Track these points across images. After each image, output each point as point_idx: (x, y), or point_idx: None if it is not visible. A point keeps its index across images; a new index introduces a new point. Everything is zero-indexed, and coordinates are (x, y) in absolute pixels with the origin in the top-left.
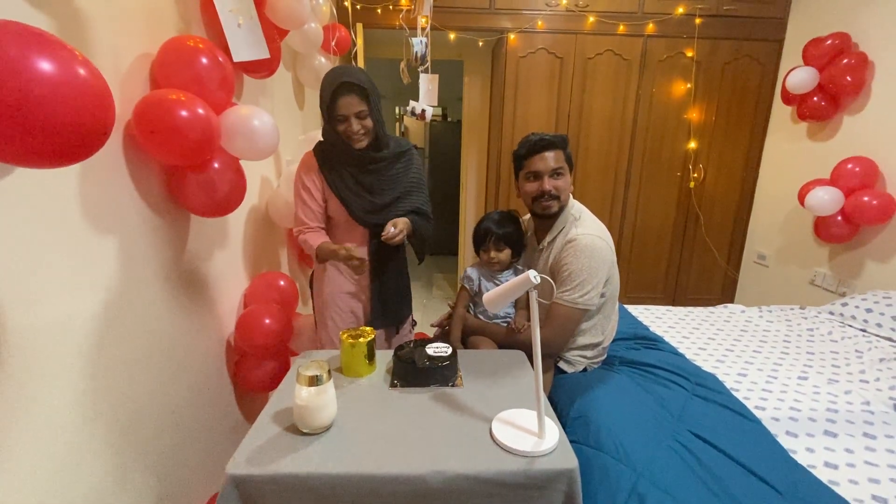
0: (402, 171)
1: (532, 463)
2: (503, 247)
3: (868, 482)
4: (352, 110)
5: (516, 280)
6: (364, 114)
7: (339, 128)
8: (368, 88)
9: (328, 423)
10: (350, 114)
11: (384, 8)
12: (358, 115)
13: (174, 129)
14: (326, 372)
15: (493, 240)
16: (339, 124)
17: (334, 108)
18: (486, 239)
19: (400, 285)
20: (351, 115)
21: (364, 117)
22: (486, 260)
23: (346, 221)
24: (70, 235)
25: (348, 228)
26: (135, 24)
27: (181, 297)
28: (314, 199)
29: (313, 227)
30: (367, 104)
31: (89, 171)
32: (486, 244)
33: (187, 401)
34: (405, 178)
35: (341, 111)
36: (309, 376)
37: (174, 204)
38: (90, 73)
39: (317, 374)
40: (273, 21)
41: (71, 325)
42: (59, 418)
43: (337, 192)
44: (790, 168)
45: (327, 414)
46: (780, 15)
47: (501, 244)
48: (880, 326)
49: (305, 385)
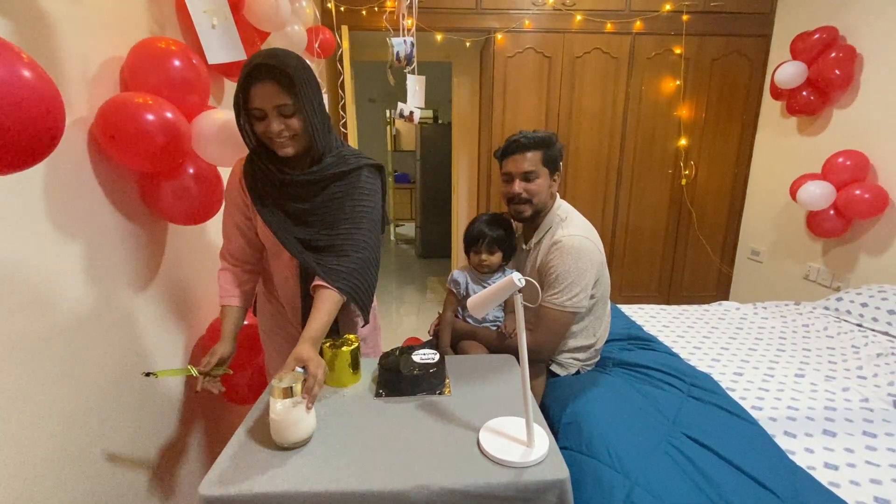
0: (339, 197)
1: (521, 474)
2: (495, 250)
3: (870, 483)
4: (271, 103)
5: (500, 283)
6: (288, 109)
7: (256, 126)
8: (295, 75)
9: (305, 436)
10: (267, 107)
11: (369, 10)
12: (279, 109)
13: (137, 134)
14: (301, 383)
15: (485, 242)
16: (257, 122)
17: (249, 98)
18: (478, 241)
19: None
20: (269, 109)
21: (288, 114)
22: (476, 263)
23: (271, 249)
24: (35, 246)
25: (274, 256)
26: (105, 27)
27: (158, 308)
28: (233, 217)
29: (232, 265)
30: (293, 96)
31: (55, 179)
32: (479, 247)
33: (167, 415)
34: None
35: (255, 103)
36: (283, 388)
37: (149, 212)
38: (36, 75)
39: (291, 386)
40: (252, 23)
41: (37, 342)
42: (30, 438)
43: (261, 213)
44: (781, 163)
45: (304, 427)
46: (767, 10)
47: (494, 247)
48: (876, 321)
49: (279, 398)
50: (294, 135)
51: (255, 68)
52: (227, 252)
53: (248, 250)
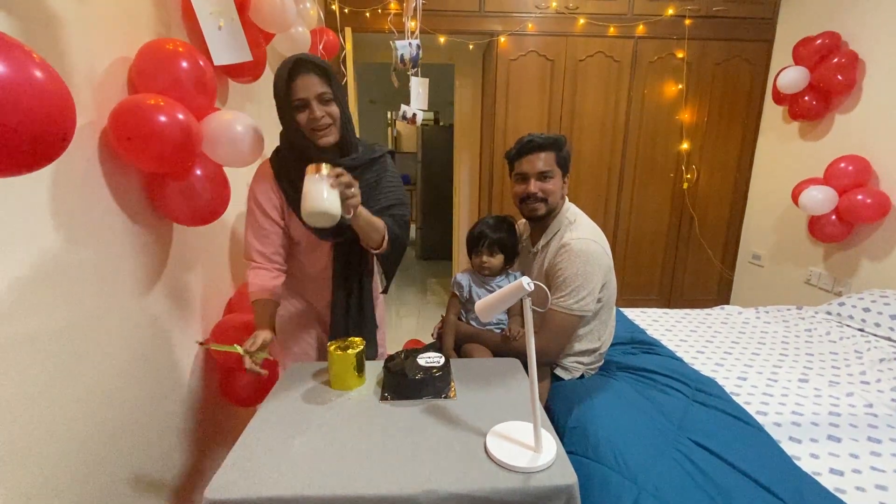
0: (374, 182)
1: (529, 480)
2: (497, 252)
3: (875, 489)
4: (312, 92)
5: (509, 287)
6: (327, 96)
7: (298, 117)
8: (329, 68)
9: (324, 209)
10: (310, 96)
11: (373, 12)
12: (320, 97)
13: (152, 136)
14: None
15: (486, 244)
16: (299, 112)
17: (291, 91)
18: (479, 243)
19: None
20: (312, 97)
21: (328, 101)
22: (477, 264)
23: (308, 243)
24: (42, 246)
25: (310, 249)
26: (111, 28)
27: (163, 308)
28: (269, 220)
29: (263, 264)
30: (330, 86)
31: (63, 180)
32: (479, 248)
33: (172, 417)
34: (378, 191)
35: (300, 94)
36: (315, 165)
37: (155, 213)
38: (46, 74)
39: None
40: (257, 24)
41: (44, 342)
42: (32, 441)
43: (296, 209)
44: (783, 167)
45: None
46: (770, 15)
47: (495, 249)
48: (878, 326)
49: (312, 172)
50: (332, 122)
51: (297, 63)
52: (257, 253)
53: (280, 250)
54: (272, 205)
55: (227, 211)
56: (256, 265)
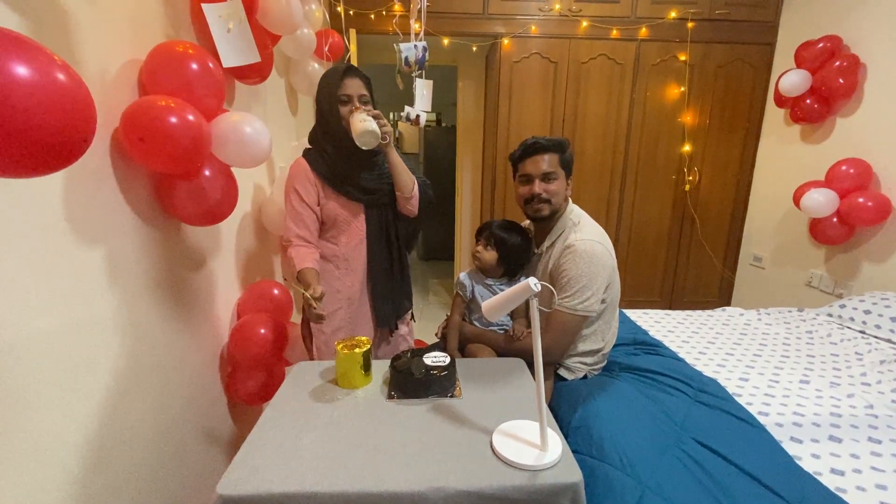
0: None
1: (535, 477)
2: (491, 247)
3: (875, 488)
4: (356, 91)
5: (516, 288)
6: (366, 99)
7: (342, 109)
8: (370, 81)
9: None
10: (355, 94)
11: (377, 13)
12: (360, 98)
13: (164, 137)
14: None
15: (485, 235)
16: (343, 105)
17: (340, 88)
18: (482, 231)
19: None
20: (355, 96)
21: (366, 103)
22: (473, 252)
23: (345, 219)
24: (54, 246)
25: (346, 225)
26: (122, 30)
27: (172, 308)
28: (306, 207)
29: (302, 244)
30: (368, 91)
31: (75, 180)
32: (480, 236)
33: (180, 415)
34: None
35: (347, 90)
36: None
37: (164, 213)
38: (69, 77)
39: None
40: (265, 26)
41: (56, 340)
42: (46, 437)
43: (334, 184)
44: (784, 170)
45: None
46: (772, 19)
47: (491, 243)
48: (879, 328)
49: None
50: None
51: (349, 69)
52: (294, 236)
53: (315, 232)
54: (309, 193)
55: (235, 211)
56: (294, 244)
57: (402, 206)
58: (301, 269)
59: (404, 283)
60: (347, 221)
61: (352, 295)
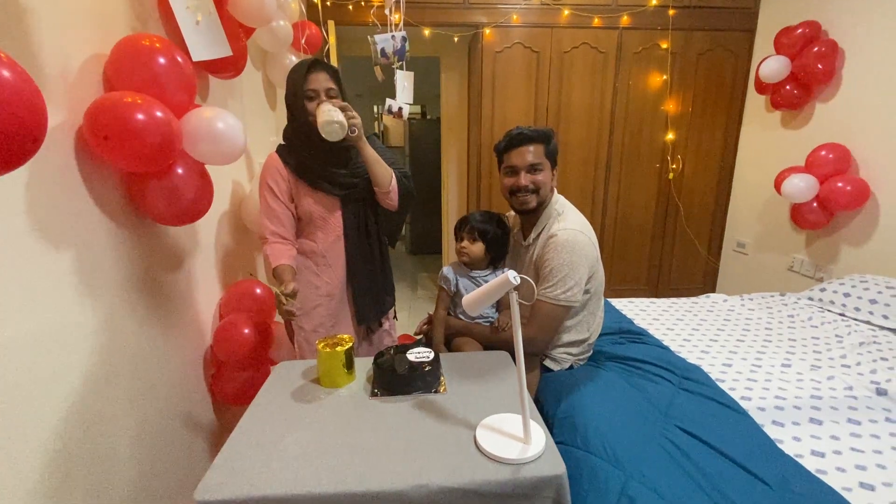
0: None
1: (518, 471)
2: (477, 239)
3: (855, 469)
4: (323, 86)
5: (495, 281)
6: (334, 93)
7: (308, 105)
8: (337, 72)
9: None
10: (321, 89)
11: (356, 4)
12: (328, 92)
13: (130, 134)
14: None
15: (468, 228)
16: (310, 101)
17: (306, 83)
18: (462, 226)
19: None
20: (322, 90)
21: (334, 96)
22: (457, 250)
23: (321, 215)
24: (17, 251)
25: (323, 221)
26: (85, 24)
27: (151, 310)
28: (280, 203)
29: (278, 240)
30: (336, 84)
31: (37, 181)
32: (462, 232)
33: (162, 418)
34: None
35: (312, 86)
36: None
37: (137, 213)
38: (14, 73)
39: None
40: (237, 18)
41: (22, 350)
42: (17, 448)
43: (308, 180)
44: (766, 156)
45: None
46: (751, 5)
47: (475, 235)
48: (858, 310)
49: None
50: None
51: (314, 63)
52: (270, 233)
53: (291, 228)
54: (282, 189)
55: (213, 209)
56: (271, 242)
57: (381, 201)
58: (276, 265)
59: (385, 278)
60: (324, 217)
61: (331, 291)
